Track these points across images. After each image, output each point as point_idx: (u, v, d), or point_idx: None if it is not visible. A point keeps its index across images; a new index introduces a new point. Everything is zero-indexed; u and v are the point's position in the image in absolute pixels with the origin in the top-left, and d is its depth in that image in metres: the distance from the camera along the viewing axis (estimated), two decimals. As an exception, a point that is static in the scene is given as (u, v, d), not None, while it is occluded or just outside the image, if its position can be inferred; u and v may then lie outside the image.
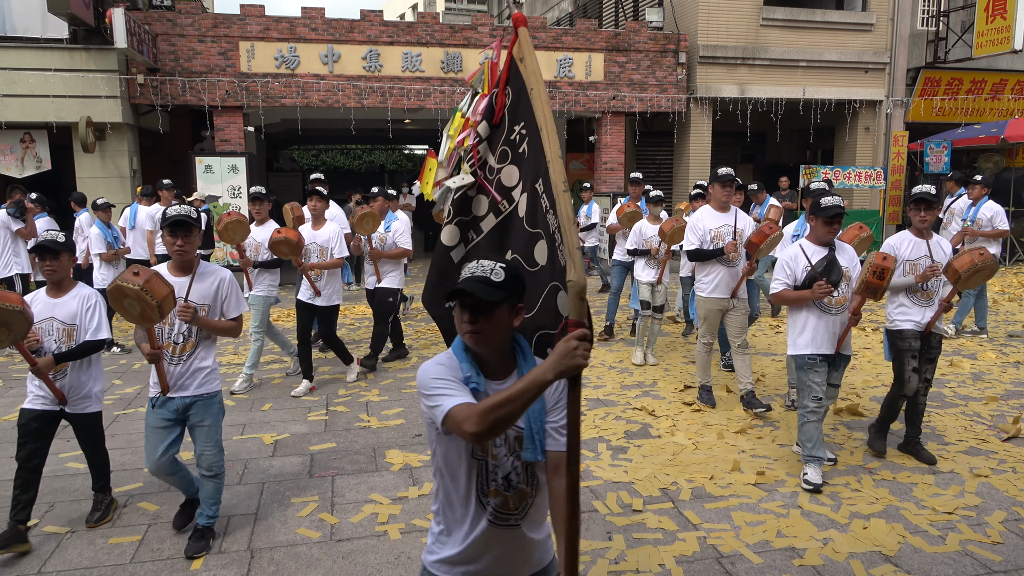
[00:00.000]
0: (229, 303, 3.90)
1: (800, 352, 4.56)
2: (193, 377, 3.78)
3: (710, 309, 5.91)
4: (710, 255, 5.79)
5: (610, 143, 14.75)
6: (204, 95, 12.57)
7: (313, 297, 6.45)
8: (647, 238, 7.31)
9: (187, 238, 3.70)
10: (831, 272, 4.45)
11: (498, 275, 1.98)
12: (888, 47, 15.43)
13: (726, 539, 3.86)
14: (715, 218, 5.88)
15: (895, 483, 4.55)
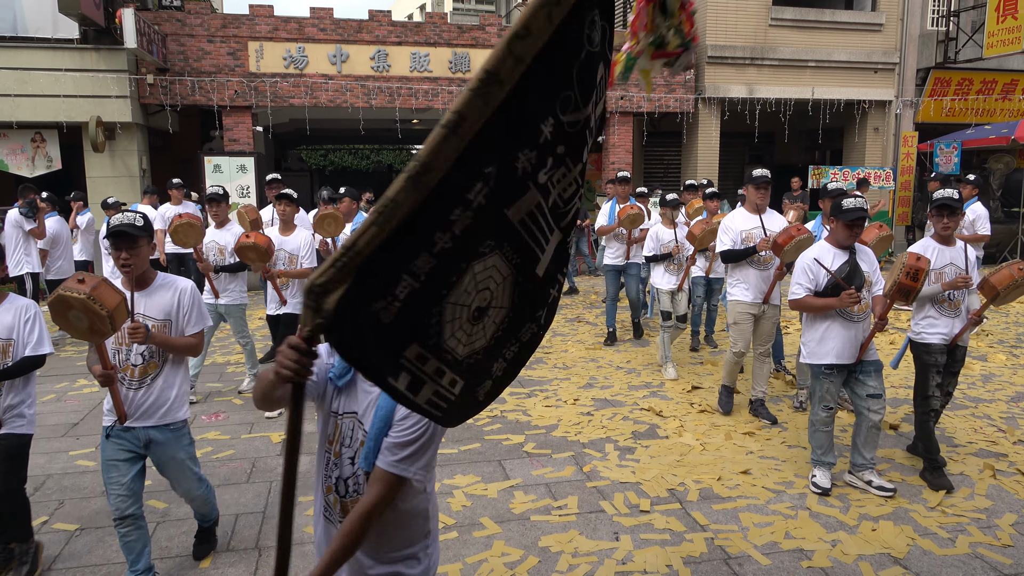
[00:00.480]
0: (190, 317, 3.42)
1: (819, 362, 4.40)
2: (157, 404, 3.31)
3: (740, 313, 5.69)
4: (742, 255, 5.63)
5: (618, 143, 14.73)
6: (213, 95, 12.62)
7: (280, 307, 6.07)
8: (664, 243, 7.06)
9: (132, 250, 3.20)
10: (853, 277, 4.29)
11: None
12: (898, 47, 15.37)
13: (734, 540, 3.85)
14: (747, 219, 5.75)
15: (904, 485, 4.53)
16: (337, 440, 2.02)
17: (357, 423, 2.00)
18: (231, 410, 6.08)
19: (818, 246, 4.51)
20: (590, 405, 6.13)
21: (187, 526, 4.07)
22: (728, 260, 5.77)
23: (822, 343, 4.38)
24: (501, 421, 5.76)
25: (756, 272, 5.63)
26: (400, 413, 1.93)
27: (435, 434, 1.96)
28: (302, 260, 6.03)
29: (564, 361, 7.59)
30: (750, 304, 5.65)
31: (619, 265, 8.12)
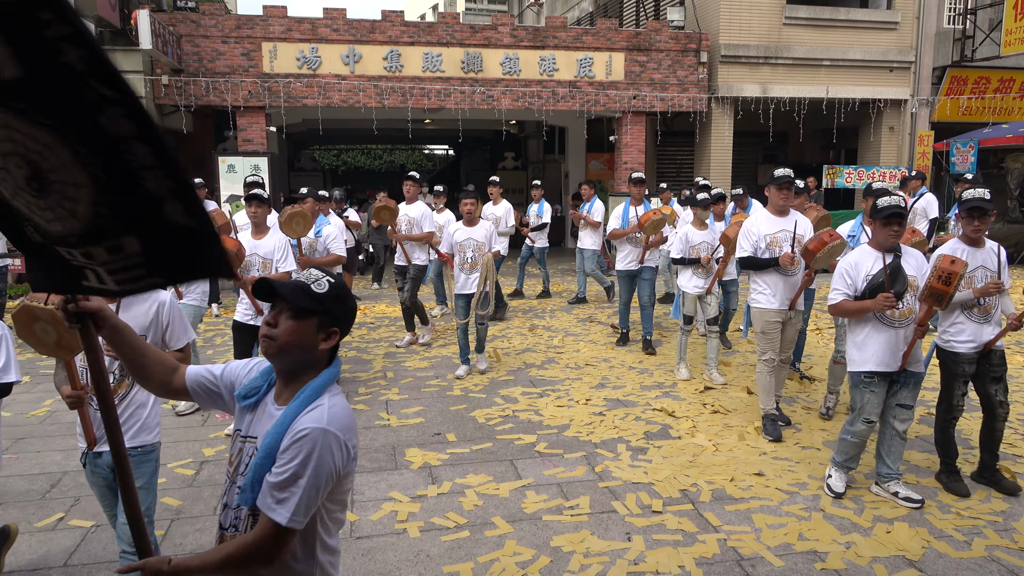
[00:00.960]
0: (172, 332, 3.11)
1: (859, 369, 4.17)
2: (127, 425, 3.00)
3: (767, 322, 5.38)
4: (764, 264, 5.30)
5: (630, 143, 14.70)
6: (227, 95, 12.70)
7: (255, 317, 5.55)
8: (694, 245, 6.74)
9: None
10: (895, 281, 4.04)
11: (321, 286, 1.84)
12: (913, 45, 15.24)
13: (747, 541, 3.82)
14: (771, 223, 5.38)
15: (919, 487, 4.48)
16: (235, 464, 1.88)
17: (255, 449, 1.83)
18: (244, 409, 6.11)
19: (860, 250, 4.27)
20: (602, 405, 6.12)
21: (201, 523, 4.09)
22: (748, 268, 5.44)
23: (862, 349, 4.18)
24: (513, 421, 5.76)
25: (782, 278, 5.31)
26: (284, 444, 1.74)
27: (316, 475, 1.73)
28: (277, 264, 5.57)
29: (576, 361, 7.57)
30: (777, 311, 5.35)
31: (632, 270, 7.84)
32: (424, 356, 7.85)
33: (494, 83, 13.71)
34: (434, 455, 5.06)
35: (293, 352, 1.83)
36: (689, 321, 6.88)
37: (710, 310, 6.78)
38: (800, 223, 5.37)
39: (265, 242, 5.57)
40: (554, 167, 20.52)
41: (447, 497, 4.40)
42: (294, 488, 1.72)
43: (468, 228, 6.86)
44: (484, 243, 6.80)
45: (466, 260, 6.80)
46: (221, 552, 1.75)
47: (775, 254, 5.27)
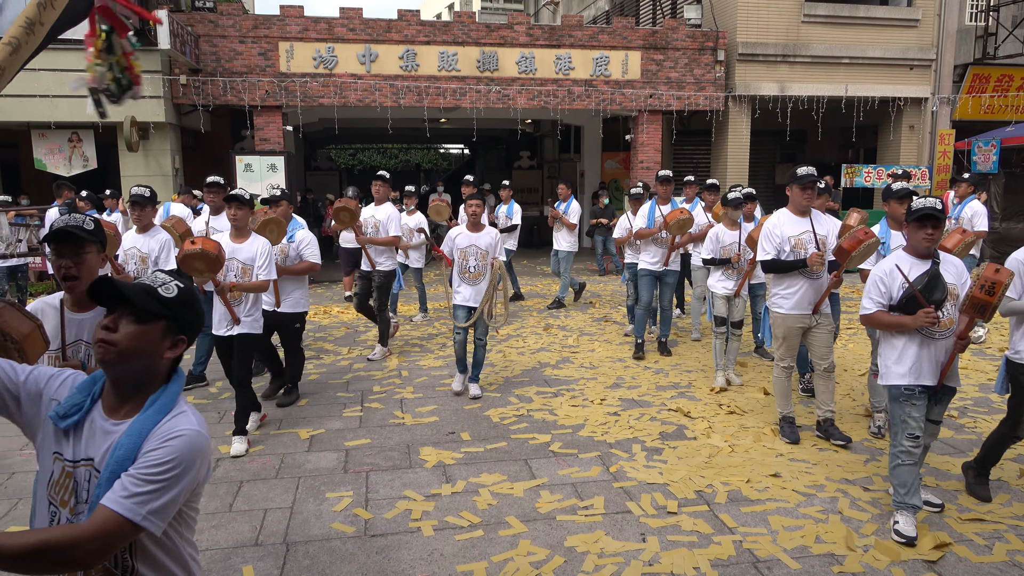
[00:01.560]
0: None
1: (896, 383, 3.89)
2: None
3: (790, 327, 5.12)
4: (789, 267, 5.02)
5: (647, 142, 14.63)
6: (244, 95, 12.78)
7: (231, 327, 5.17)
8: (725, 245, 6.54)
9: (78, 257, 2.76)
10: (934, 290, 3.75)
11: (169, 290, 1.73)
12: (934, 43, 15.05)
13: (763, 543, 3.79)
14: (795, 224, 5.09)
15: (939, 490, 4.42)
16: (71, 492, 1.71)
17: (93, 472, 1.69)
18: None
19: (895, 256, 3.99)
20: (617, 405, 6.09)
21: (217, 519, 4.12)
22: (771, 271, 5.15)
23: (900, 362, 3.89)
24: (527, 420, 5.74)
25: (807, 281, 5.03)
26: (147, 447, 1.63)
27: (183, 478, 1.65)
28: (258, 271, 5.18)
29: (591, 361, 7.55)
30: (798, 316, 5.08)
31: (656, 271, 7.47)
32: (439, 355, 7.85)
33: (510, 82, 13.70)
34: (448, 454, 5.06)
35: (134, 360, 1.68)
36: (722, 323, 6.61)
37: (736, 312, 6.62)
38: (821, 223, 5.12)
39: (246, 247, 5.20)
40: (569, 166, 20.46)
41: (461, 496, 4.39)
42: (159, 487, 1.61)
43: (472, 233, 6.19)
44: (488, 252, 6.15)
45: (468, 269, 6.16)
46: (34, 536, 1.51)
47: (800, 256, 5.01)
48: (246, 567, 3.62)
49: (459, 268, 6.18)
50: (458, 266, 6.18)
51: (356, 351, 8.04)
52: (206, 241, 4.74)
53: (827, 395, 5.20)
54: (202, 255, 4.66)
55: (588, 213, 15.83)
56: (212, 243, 4.76)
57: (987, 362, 7.37)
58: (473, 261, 6.13)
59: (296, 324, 6.20)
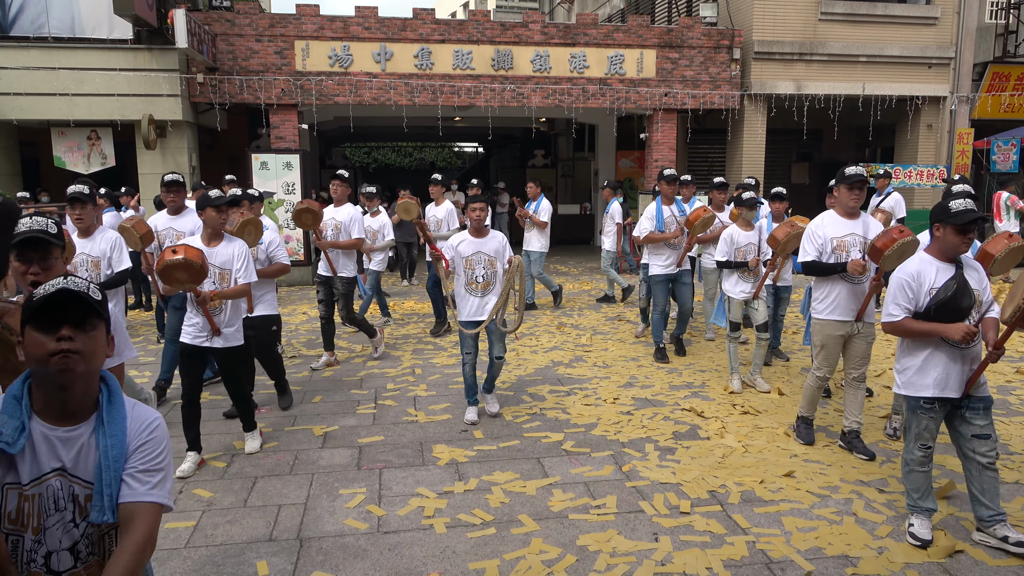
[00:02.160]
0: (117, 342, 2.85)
1: (918, 394, 3.74)
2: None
3: (828, 335, 4.87)
4: (828, 270, 4.78)
5: (661, 140, 14.58)
6: (260, 93, 12.85)
7: (209, 337, 4.75)
8: (740, 247, 6.34)
9: (45, 263, 2.69)
10: (962, 297, 3.61)
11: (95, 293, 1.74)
12: (953, 41, 14.89)
13: (776, 544, 3.77)
14: (839, 225, 4.85)
15: (955, 492, 4.38)
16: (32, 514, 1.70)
17: (68, 478, 1.72)
18: (274, 403, 6.18)
19: (919, 259, 3.81)
20: (630, 404, 6.08)
21: (232, 515, 4.15)
22: (811, 273, 4.94)
23: (923, 373, 3.73)
24: (540, 419, 5.75)
25: (847, 285, 4.79)
26: (138, 440, 1.75)
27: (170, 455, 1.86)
28: (237, 275, 4.84)
29: (604, 360, 7.54)
30: (839, 323, 4.83)
31: (671, 274, 7.27)
32: (452, 353, 7.87)
33: (524, 80, 13.69)
34: (461, 452, 5.07)
35: (95, 364, 1.72)
36: (736, 328, 6.45)
37: (758, 315, 6.33)
38: (872, 227, 4.88)
39: (221, 250, 4.84)
40: (584, 165, 20.44)
41: (474, 494, 4.41)
42: (166, 471, 1.81)
43: (477, 239, 5.53)
44: (497, 258, 5.54)
45: (475, 279, 5.50)
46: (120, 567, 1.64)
47: (842, 259, 4.78)
48: (260, 562, 3.65)
49: (464, 279, 5.51)
50: (463, 276, 5.51)
51: (370, 348, 8.08)
52: (188, 249, 4.30)
53: (855, 406, 4.99)
54: (185, 265, 4.23)
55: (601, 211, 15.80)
56: (194, 251, 4.32)
57: (1003, 363, 7.28)
58: (481, 270, 5.49)
59: (273, 327, 5.97)
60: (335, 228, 7.10)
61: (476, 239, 5.54)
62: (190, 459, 4.76)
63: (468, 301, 5.51)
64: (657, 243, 7.25)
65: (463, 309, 5.52)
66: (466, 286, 5.51)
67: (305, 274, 12.97)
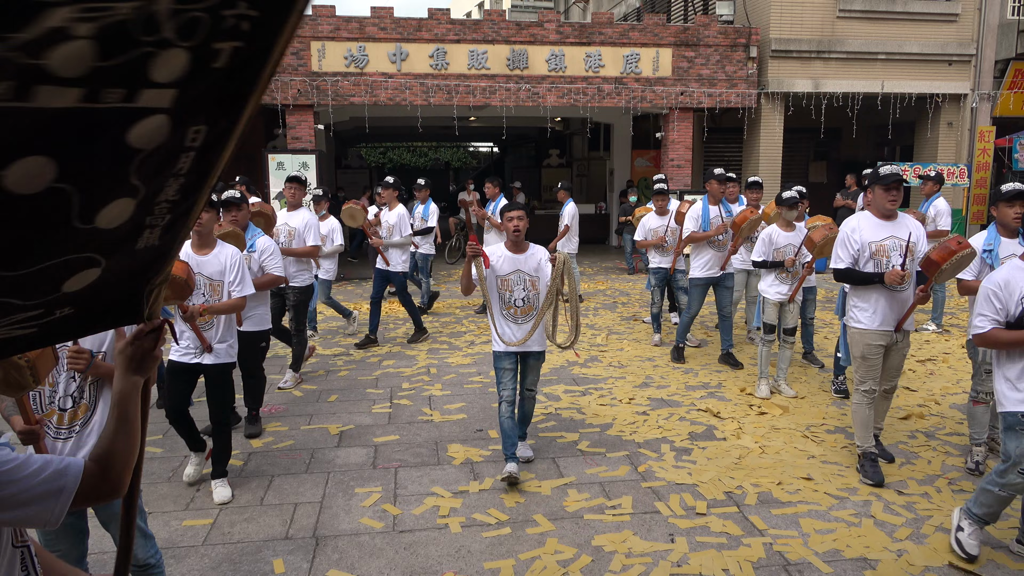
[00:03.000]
0: None
1: (1018, 409, 3.46)
2: None
3: (869, 345, 4.50)
4: (865, 280, 4.44)
5: (677, 139, 14.51)
6: (277, 94, 12.93)
7: (199, 354, 4.32)
8: (779, 247, 6.12)
9: None
10: None
11: None
12: (974, 38, 14.70)
13: (794, 546, 3.74)
14: (876, 228, 4.49)
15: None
16: None
17: None
18: (291, 402, 6.22)
19: (1010, 267, 3.61)
20: (646, 404, 6.06)
21: (249, 512, 4.18)
22: (845, 282, 4.62)
23: (1020, 386, 3.47)
24: (555, 419, 5.74)
25: (887, 293, 4.43)
26: None
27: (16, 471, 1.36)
28: (231, 288, 4.35)
29: (620, 360, 7.51)
30: (879, 333, 4.47)
31: (713, 277, 7.01)
32: (467, 353, 7.88)
33: (539, 80, 13.68)
34: (476, 451, 5.07)
35: None
36: (771, 330, 6.20)
37: (789, 319, 6.16)
38: (914, 229, 4.51)
39: (212, 259, 4.32)
40: (599, 164, 20.39)
41: (489, 493, 4.41)
42: None
43: (515, 254, 4.58)
44: (539, 277, 4.57)
45: (513, 303, 4.54)
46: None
47: (881, 266, 4.43)
48: (276, 560, 3.67)
49: (499, 303, 4.58)
50: (498, 299, 4.58)
51: (386, 347, 8.10)
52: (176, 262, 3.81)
53: (880, 414, 4.78)
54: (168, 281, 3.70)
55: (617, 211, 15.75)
56: (180, 264, 3.66)
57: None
58: (520, 292, 4.54)
59: (262, 343, 5.44)
60: (288, 234, 6.58)
61: (514, 254, 4.57)
62: (194, 460, 4.48)
63: (506, 327, 4.56)
64: (700, 244, 7.00)
65: (501, 335, 4.55)
66: (502, 311, 4.58)
67: (321, 274, 13.03)
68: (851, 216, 4.81)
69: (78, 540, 2.80)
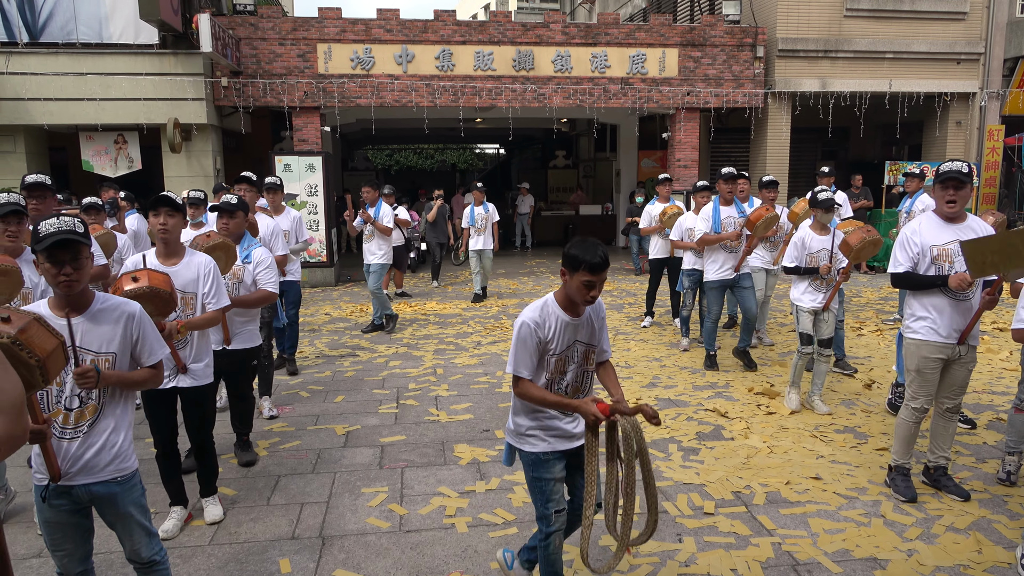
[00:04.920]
0: (143, 345, 2.79)
1: None
2: (100, 455, 2.69)
3: (926, 358, 4.13)
4: (927, 284, 4.09)
5: (684, 140, 14.48)
6: (284, 96, 12.96)
7: (174, 376, 3.91)
8: (812, 252, 5.67)
9: (76, 263, 2.60)
10: None
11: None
12: (983, 36, 14.62)
13: (803, 546, 3.71)
14: (939, 230, 4.11)
15: (986, 494, 4.29)
16: None
17: None
18: (297, 402, 6.22)
19: None
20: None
21: (255, 512, 4.18)
22: (904, 287, 4.25)
23: None
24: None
25: (950, 301, 4.07)
26: None
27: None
28: (206, 301, 3.96)
29: (626, 360, 7.49)
30: (941, 345, 4.10)
31: (727, 280, 6.82)
32: (474, 353, 7.86)
33: (545, 81, 13.67)
34: (483, 451, 5.06)
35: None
36: (808, 341, 5.72)
37: (825, 329, 5.71)
38: (976, 231, 4.13)
39: (182, 269, 3.91)
40: (605, 165, 20.36)
41: (495, 493, 4.39)
42: None
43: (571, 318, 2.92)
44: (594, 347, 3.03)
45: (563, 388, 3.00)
46: None
47: (943, 271, 4.08)
48: (283, 560, 3.66)
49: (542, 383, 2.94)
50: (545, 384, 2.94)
51: (392, 349, 8.10)
52: (153, 275, 3.37)
53: (945, 439, 4.33)
54: (151, 295, 3.32)
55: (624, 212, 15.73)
56: (160, 276, 3.39)
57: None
58: (572, 371, 2.99)
59: (253, 361, 4.93)
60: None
61: (571, 318, 2.92)
62: (175, 515, 4.00)
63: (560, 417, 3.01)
64: (712, 247, 6.80)
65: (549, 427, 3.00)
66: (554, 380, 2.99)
67: (328, 275, 13.05)
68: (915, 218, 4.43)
69: (83, 539, 2.79)
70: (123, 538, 2.84)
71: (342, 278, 13.67)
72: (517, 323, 2.90)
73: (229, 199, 4.78)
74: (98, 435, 2.70)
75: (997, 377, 6.68)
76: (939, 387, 4.25)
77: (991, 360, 7.22)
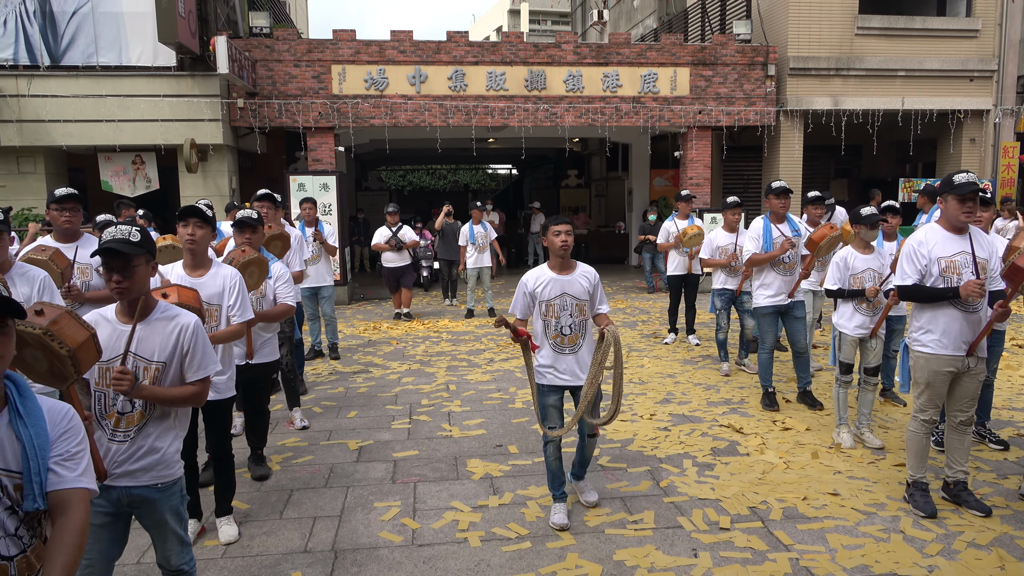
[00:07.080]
0: (192, 360, 2.82)
1: None
2: (144, 460, 2.74)
3: (935, 371, 4.09)
4: (936, 296, 4.02)
5: (696, 158, 14.49)
6: (298, 117, 13.11)
7: None
8: (856, 273, 5.21)
9: (127, 270, 2.67)
10: None
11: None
12: (996, 54, 14.59)
13: (821, 562, 3.65)
14: (946, 242, 4.09)
15: (1008, 510, 4.21)
16: None
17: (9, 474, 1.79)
18: (310, 417, 6.22)
19: None
20: (667, 420, 5.99)
21: (268, 526, 4.17)
22: (912, 299, 4.20)
23: None
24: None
25: (959, 313, 4.03)
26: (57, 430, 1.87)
27: None
28: (231, 313, 3.94)
29: (640, 376, 7.45)
30: (948, 358, 4.06)
31: (781, 306, 6.16)
32: (486, 370, 7.85)
33: (557, 100, 13.76)
34: (496, 466, 5.03)
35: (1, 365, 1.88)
36: (848, 370, 5.36)
37: (871, 356, 5.31)
38: (981, 244, 4.10)
39: (208, 281, 3.90)
40: (617, 184, 20.40)
41: (508, 508, 4.36)
42: (87, 457, 1.92)
43: (561, 276, 4.11)
44: (588, 301, 4.13)
45: (560, 331, 4.09)
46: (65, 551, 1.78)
47: (951, 283, 4.03)
48: (295, 573, 3.64)
49: (544, 331, 4.13)
50: (543, 328, 4.13)
51: (405, 365, 8.10)
52: (182, 291, 3.32)
53: (961, 453, 4.25)
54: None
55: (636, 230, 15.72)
56: (189, 292, 3.36)
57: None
58: (568, 318, 4.08)
59: (273, 375, 4.96)
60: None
61: (560, 276, 4.09)
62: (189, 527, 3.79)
63: (552, 360, 4.13)
64: (762, 267, 6.20)
65: (543, 371, 4.16)
66: (551, 340, 4.12)
67: (341, 293, 13.11)
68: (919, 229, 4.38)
69: (109, 545, 2.77)
70: (156, 543, 2.90)
71: (355, 296, 13.72)
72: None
73: (249, 214, 4.79)
74: (143, 440, 2.75)
75: (1017, 393, 6.58)
76: (949, 400, 4.23)
77: (1011, 376, 7.12)
